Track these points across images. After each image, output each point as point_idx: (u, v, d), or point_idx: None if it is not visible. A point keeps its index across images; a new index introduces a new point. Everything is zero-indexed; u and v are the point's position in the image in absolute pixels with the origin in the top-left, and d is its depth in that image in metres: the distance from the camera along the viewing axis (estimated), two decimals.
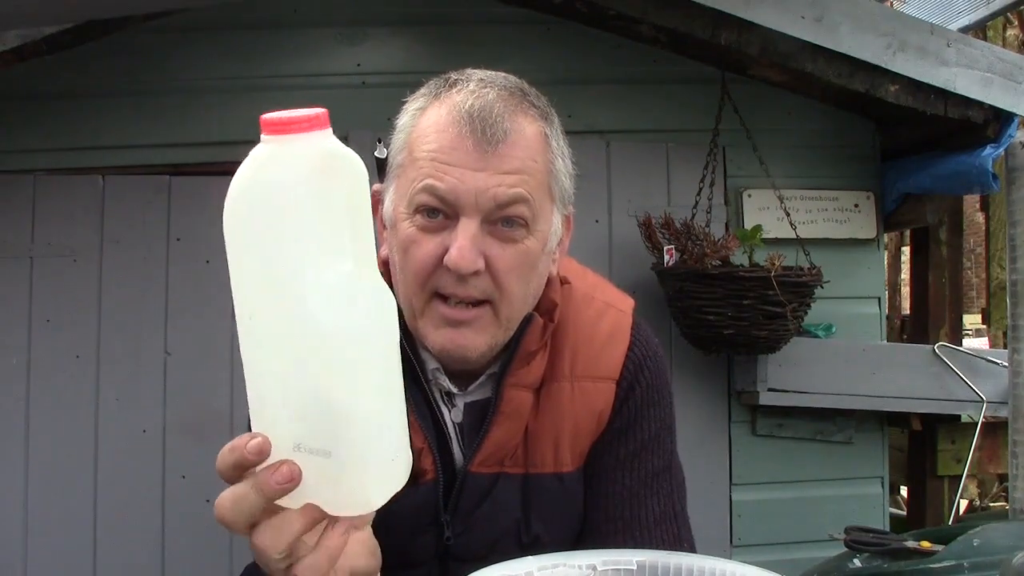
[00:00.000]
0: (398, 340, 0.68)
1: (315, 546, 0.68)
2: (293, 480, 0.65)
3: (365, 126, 2.45)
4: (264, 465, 0.66)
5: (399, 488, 0.69)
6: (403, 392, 0.69)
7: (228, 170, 2.53)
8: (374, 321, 0.65)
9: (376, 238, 1.07)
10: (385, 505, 0.69)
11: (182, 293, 2.45)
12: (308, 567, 0.68)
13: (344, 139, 2.39)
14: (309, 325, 0.62)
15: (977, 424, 2.68)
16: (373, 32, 2.63)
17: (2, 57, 2.21)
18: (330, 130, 0.62)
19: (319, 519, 0.68)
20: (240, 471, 0.67)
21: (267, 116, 0.62)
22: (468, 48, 2.61)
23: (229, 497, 0.67)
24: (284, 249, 0.62)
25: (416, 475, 0.99)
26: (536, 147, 0.95)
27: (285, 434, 0.65)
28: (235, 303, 0.65)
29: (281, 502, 0.66)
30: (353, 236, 0.63)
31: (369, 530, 0.77)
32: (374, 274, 0.66)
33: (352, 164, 0.63)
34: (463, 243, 0.91)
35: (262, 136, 0.62)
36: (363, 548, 0.75)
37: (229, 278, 0.63)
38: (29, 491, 2.39)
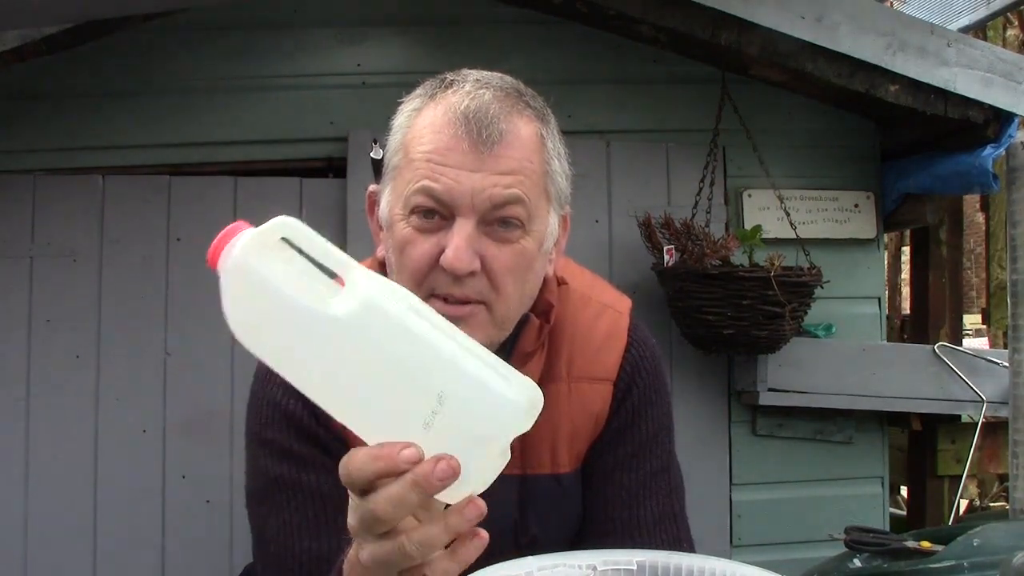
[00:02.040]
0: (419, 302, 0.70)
1: (451, 552, 0.69)
2: (455, 473, 0.65)
3: (365, 126, 2.47)
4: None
5: (534, 396, 0.70)
6: (459, 332, 0.70)
7: (228, 170, 2.55)
8: (389, 291, 0.68)
9: (372, 238, 1.08)
10: None
11: (182, 293, 2.45)
12: (442, 571, 0.69)
13: (344, 139, 2.40)
14: (350, 344, 0.66)
15: (977, 424, 2.68)
16: (373, 32, 2.63)
17: (2, 57, 2.21)
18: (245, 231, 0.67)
19: (472, 524, 0.68)
20: (381, 478, 0.66)
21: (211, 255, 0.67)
22: (468, 48, 2.61)
23: (388, 501, 0.66)
24: (292, 306, 0.66)
25: None
26: (532, 148, 0.95)
27: (409, 422, 0.67)
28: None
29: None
30: (325, 258, 0.67)
31: None
32: (362, 272, 0.68)
33: (274, 226, 0.67)
34: (459, 244, 0.91)
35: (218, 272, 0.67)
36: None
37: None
38: (29, 491, 2.39)
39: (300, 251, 0.67)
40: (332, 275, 0.67)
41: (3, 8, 1.94)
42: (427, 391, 0.67)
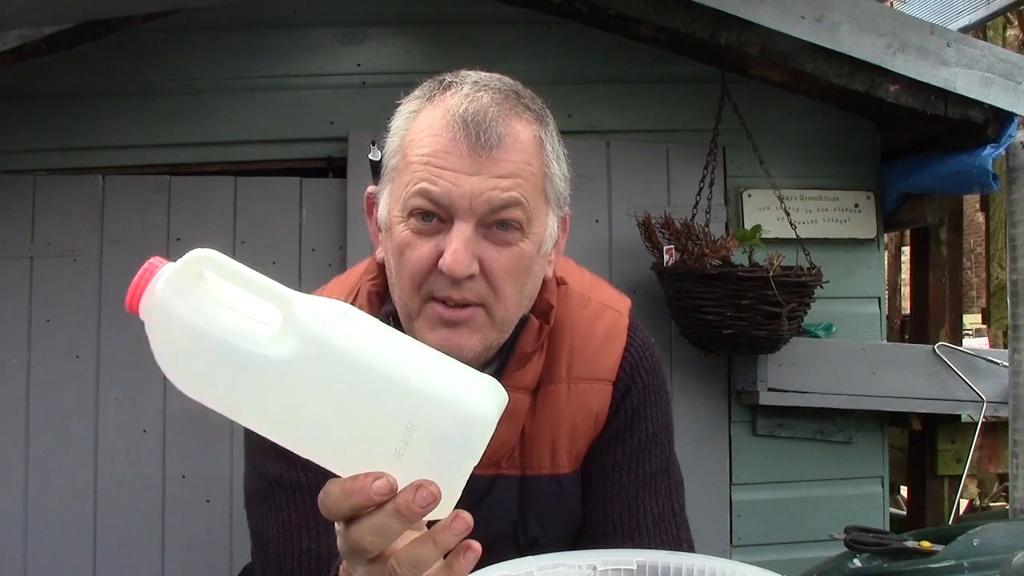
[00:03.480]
0: (361, 313, 0.67)
1: (446, 567, 0.69)
2: (436, 499, 0.65)
3: (365, 126, 2.47)
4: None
5: (499, 399, 0.68)
6: (416, 344, 0.69)
7: (228, 170, 2.55)
8: (330, 321, 0.65)
9: (371, 240, 1.08)
10: None
11: None
12: None
13: (344, 139, 2.40)
14: (297, 386, 0.63)
15: (977, 424, 2.68)
16: (373, 32, 2.63)
17: (2, 57, 2.21)
18: (162, 269, 0.63)
19: (460, 538, 0.68)
20: (361, 510, 0.66)
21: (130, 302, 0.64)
22: (468, 48, 2.61)
23: (372, 531, 0.66)
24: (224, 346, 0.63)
25: None
26: (531, 151, 0.95)
27: (378, 453, 0.65)
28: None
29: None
30: (252, 290, 0.63)
31: None
32: (299, 297, 0.65)
33: (194, 258, 0.63)
34: (457, 247, 0.90)
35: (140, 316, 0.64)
36: None
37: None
38: (29, 491, 2.39)
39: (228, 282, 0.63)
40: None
41: (3, 8, 1.94)
42: (394, 423, 0.64)
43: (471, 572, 0.71)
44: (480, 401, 0.66)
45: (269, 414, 0.64)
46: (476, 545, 0.70)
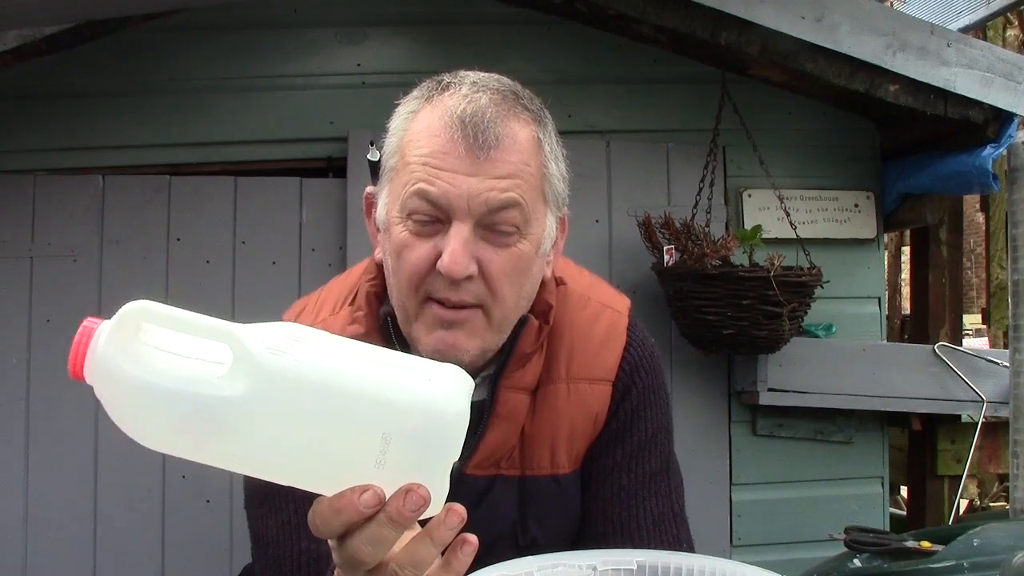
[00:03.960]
0: (309, 330, 0.66)
1: (444, 564, 0.69)
2: (426, 502, 0.65)
3: (365, 126, 2.47)
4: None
5: (465, 385, 0.68)
6: (372, 349, 0.68)
7: (228, 170, 2.54)
8: (282, 348, 0.64)
9: (370, 240, 1.08)
10: None
11: (182, 293, 2.45)
12: None
13: (344, 139, 2.40)
14: (262, 420, 0.62)
15: (977, 424, 2.68)
16: (373, 32, 2.63)
17: (2, 57, 2.21)
18: (96, 329, 0.62)
19: (456, 531, 0.68)
20: (353, 525, 0.66)
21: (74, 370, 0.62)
22: (468, 48, 2.61)
23: (367, 543, 0.65)
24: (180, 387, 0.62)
25: None
26: (529, 151, 0.95)
27: (358, 467, 0.64)
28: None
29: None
30: (195, 332, 0.62)
31: None
32: (243, 330, 0.64)
33: (128, 312, 0.62)
34: (455, 248, 0.90)
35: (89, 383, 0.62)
36: None
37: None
38: (29, 491, 2.39)
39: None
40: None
41: (3, 8, 1.94)
42: (368, 435, 0.64)
43: (471, 572, 0.71)
44: (447, 393, 0.66)
45: (240, 453, 0.63)
46: (472, 539, 0.70)
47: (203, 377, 0.61)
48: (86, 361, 0.60)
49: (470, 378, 0.69)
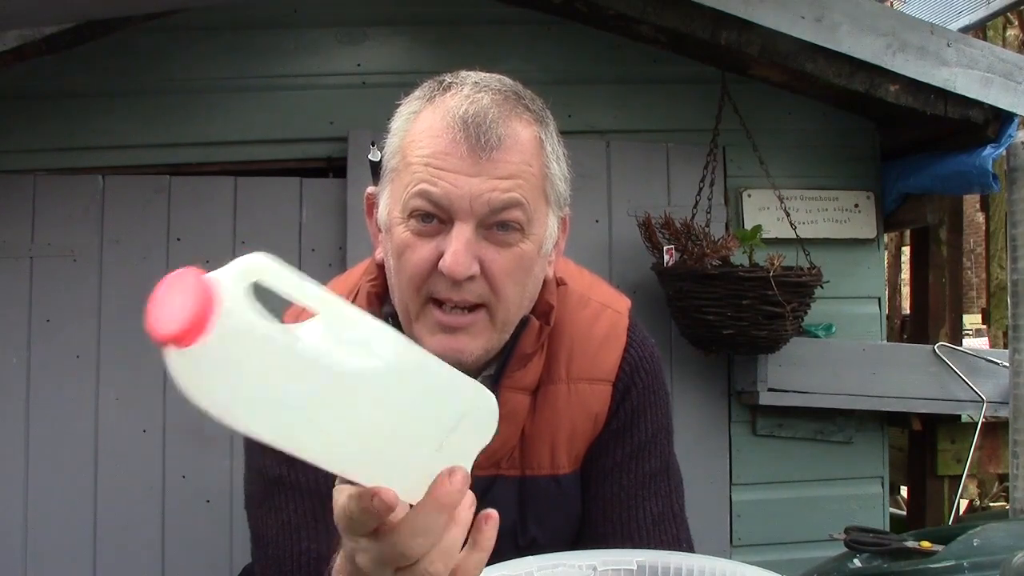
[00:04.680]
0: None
1: (471, 545, 0.67)
2: (468, 480, 0.64)
3: (365, 126, 2.47)
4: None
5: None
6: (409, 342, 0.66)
7: (228, 170, 2.54)
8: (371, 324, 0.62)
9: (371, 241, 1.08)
10: None
11: None
12: (475, 563, 0.67)
13: (344, 139, 2.39)
14: (369, 395, 0.60)
15: (977, 424, 2.68)
16: (373, 32, 2.63)
17: (2, 57, 2.21)
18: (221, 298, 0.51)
19: (472, 509, 0.67)
20: (377, 522, 0.63)
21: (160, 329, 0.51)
22: (468, 48, 2.61)
23: (421, 533, 0.63)
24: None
25: None
26: (531, 152, 0.95)
27: (423, 450, 0.64)
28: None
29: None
30: (304, 298, 0.56)
31: None
32: (345, 309, 0.60)
33: (248, 270, 0.53)
34: (458, 248, 0.90)
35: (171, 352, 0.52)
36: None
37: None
38: (29, 491, 2.39)
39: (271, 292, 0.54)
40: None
41: (3, 8, 1.94)
42: (442, 421, 0.64)
43: None
44: (480, 384, 0.69)
45: (338, 433, 0.58)
46: (493, 512, 0.68)
47: (322, 347, 0.56)
48: (211, 321, 0.49)
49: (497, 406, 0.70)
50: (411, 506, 0.63)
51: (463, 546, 0.66)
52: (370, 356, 0.59)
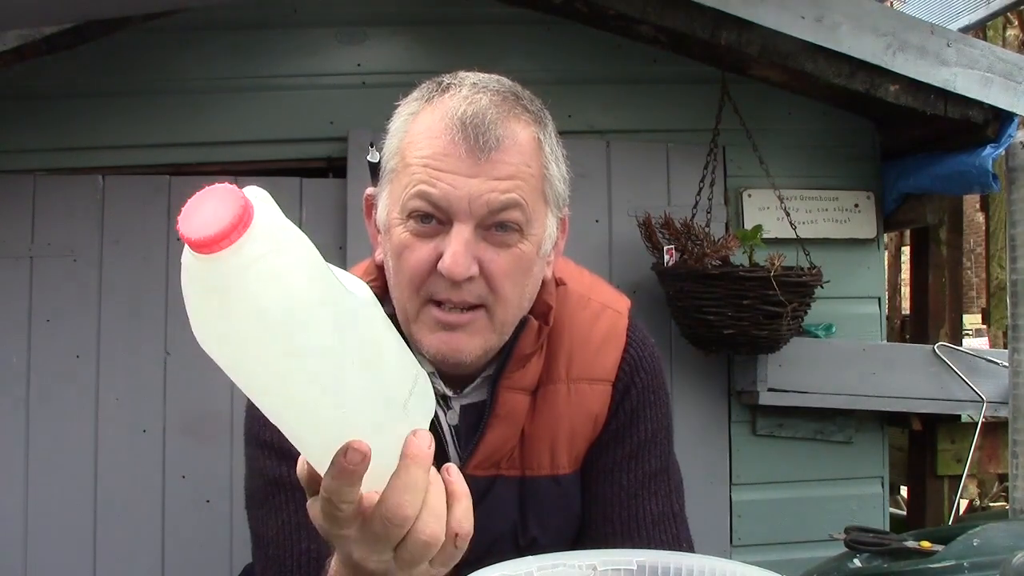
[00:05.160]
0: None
1: (452, 497, 0.71)
2: (431, 441, 0.68)
3: (365, 126, 2.47)
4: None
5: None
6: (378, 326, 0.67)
7: (228, 170, 2.55)
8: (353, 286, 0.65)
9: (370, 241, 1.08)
10: None
11: (182, 293, 2.44)
12: (464, 512, 0.71)
13: (344, 139, 2.39)
14: (363, 330, 0.64)
15: (977, 424, 2.68)
16: (373, 32, 2.63)
17: (2, 57, 2.21)
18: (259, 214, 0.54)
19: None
20: (356, 485, 0.64)
21: (191, 235, 0.53)
22: (468, 48, 2.61)
23: (405, 490, 0.66)
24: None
25: None
26: (529, 152, 0.95)
27: (394, 407, 0.67)
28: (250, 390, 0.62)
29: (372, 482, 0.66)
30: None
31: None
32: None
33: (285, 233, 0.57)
34: (457, 249, 0.91)
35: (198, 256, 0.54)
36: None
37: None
38: (29, 491, 2.39)
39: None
40: None
41: (3, 8, 1.94)
42: (404, 383, 0.68)
43: (471, 573, 0.71)
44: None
45: (331, 360, 0.60)
46: (451, 465, 0.73)
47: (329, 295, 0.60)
48: (255, 223, 0.52)
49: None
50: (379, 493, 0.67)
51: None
52: (340, 317, 0.61)
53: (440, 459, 1.03)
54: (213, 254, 0.53)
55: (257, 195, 0.56)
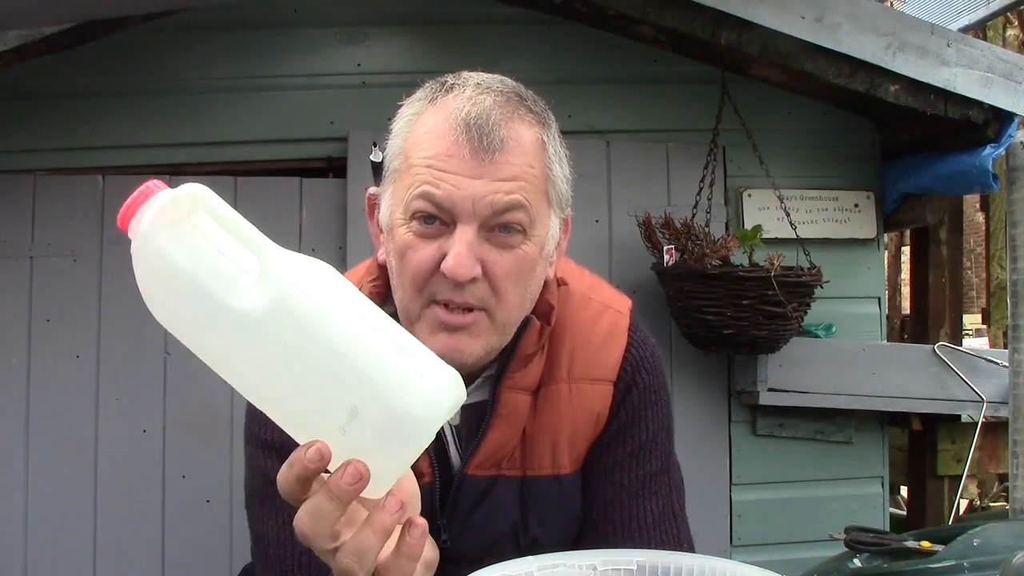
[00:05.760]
0: (338, 278, 0.67)
1: (396, 550, 0.70)
2: (363, 478, 0.65)
3: (365, 126, 2.47)
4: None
5: (454, 396, 0.68)
6: (386, 321, 0.69)
7: (228, 170, 2.55)
8: (301, 285, 0.64)
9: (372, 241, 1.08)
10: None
11: None
12: (399, 571, 0.70)
13: (344, 139, 2.39)
14: (257, 341, 0.63)
15: (977, 424, 2.68)
16: (373, 32, 2.63)
17: (2, 57, 2.21)
18: (161, 192, 0.64)
19: (397, 516, 0.69)
20: (307, 484, 0.67)
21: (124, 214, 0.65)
22: (468, 48, 2.61)
23: (306, 513, 0.67)
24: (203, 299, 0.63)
25: None
26: (533, 153, 0.95)
27: (325, 424, 0.65)
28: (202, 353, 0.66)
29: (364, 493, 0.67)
30: (235, 235, 0.64)
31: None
32: (278, 252, 0.65)
33: (187, 193, 0.64)
34: (460, 250, 0.90)
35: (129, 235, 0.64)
36: (428, 540, 0.76)
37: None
38: (29, 491, 2.39)
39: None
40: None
41: (3, 8, 1.94)
42: (340, 404, 0.64)
43: (471, 573, 0.71)
44: (429, 400, 0.66)
45: (229, 362, 0.65)
46: (420, 521, 0.71)
47: (227, 279, 0.62)
48: (133, 220, 0.64)
49: (463, 391, 0.69)
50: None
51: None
52: (269, 299, 0.62)
53: (441, 459, 1.03)
54: (129, 227, 0.64)
55: (188, 186, 0.64)
